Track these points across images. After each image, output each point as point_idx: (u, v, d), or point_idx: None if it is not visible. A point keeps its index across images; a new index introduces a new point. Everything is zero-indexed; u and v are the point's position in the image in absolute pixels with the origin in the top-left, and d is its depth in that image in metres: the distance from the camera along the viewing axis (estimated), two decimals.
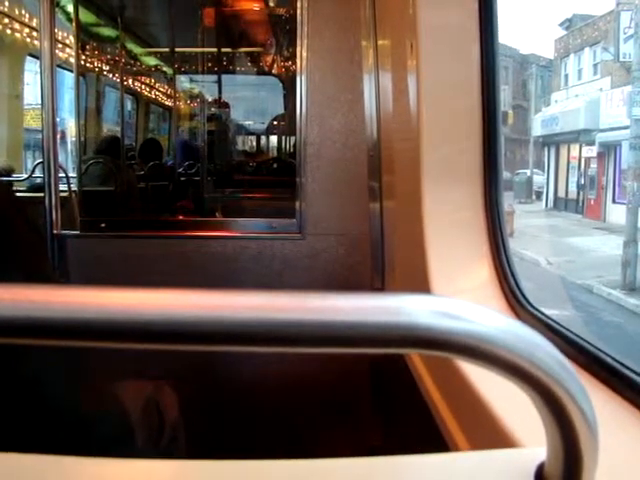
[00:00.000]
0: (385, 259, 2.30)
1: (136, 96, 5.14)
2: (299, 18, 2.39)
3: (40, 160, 2.83)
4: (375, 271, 2.37)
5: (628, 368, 0.92)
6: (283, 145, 4.78)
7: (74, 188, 2.84)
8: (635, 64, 9.03)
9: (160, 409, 1.48)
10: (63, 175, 2.81)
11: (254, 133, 5.16)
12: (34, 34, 4.39)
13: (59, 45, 3.70)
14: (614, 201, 12.58)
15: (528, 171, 18.36)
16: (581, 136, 14.15)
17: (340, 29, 2.40)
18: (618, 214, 11.02)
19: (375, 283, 2.36)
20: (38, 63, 2.46)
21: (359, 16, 2.31)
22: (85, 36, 3.37)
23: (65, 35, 3.85)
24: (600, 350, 0.99)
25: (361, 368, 2.39)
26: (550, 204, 16.36)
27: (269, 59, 4.33)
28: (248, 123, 5.08)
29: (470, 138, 1.49)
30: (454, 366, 1.15)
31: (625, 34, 10.71)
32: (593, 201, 13.66)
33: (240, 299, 0.38)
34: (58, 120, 2.50)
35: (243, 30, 4.13)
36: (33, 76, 4.82)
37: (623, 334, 6.76)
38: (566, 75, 16.23)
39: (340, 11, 2.40)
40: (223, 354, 1.86)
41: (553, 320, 1.20)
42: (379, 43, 2.19)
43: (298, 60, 2.42)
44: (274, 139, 5.07)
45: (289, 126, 4.08)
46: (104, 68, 3.98)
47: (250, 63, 4.50)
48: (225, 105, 4.43)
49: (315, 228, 2.49)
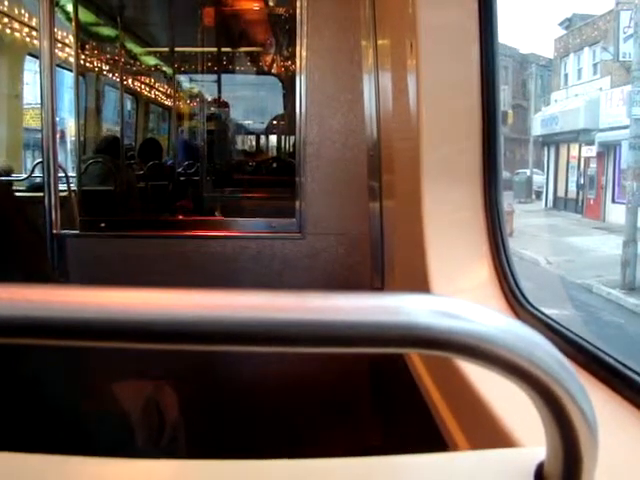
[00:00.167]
0: (385, 259, 2.30)
1: (136, 96, 5.13)
2: (299, 17, 2.39)
3: (40, 160, 2.83)
4: (375, 271, 2.37)
5: (628, 367, 0.92)
6: (283, 145, 4.78)
7: (74, 188, 2.84)
8: (635, 64, 9.03)
9: (160, 409, 1.48)
10: (63, 175, 2.81)
11: (254, 133, 5.16)
12: (34, 33, 4.39)
13: (59, 45, 3.69)
14: (614, 201, 12.58)
15: (528, 171, 18.37)
16: (581, 136, 14.16)
17: (340, 29, 2.40)
18: (618, 214, 11.03)
19: (375, 283, 2.36)
20: (37, 62, 2.47)
21: (359, 15, 2.31)
22: (85, 35, 3.36)
23: (65, 35, 3.85)
24: (600, 349, 0.99)
25: (361, 368, 2.39)
26: (550, 204, 16.37)
27: (269, 59, 4.33)
28: (248, 123, 5.07)
29: (470, 138, 1.49)
30: (454, 366, 1.15)
31: (625, 33, 10.72)
32: (593, 201, 13.67)
33: (240, 299, 0.38)
34: (57, 120, 2.50)
35: (243, 30, 4.12)
36: (33, 75, 4.82)
37: (623, 334, 6.77)
38: (566, 75, 16.24)
39: (340, 10, 2.40)
40: (223, 354, 1.86)
41: (553, 320, 1.20)
42: (379, 43, 2.19)
43: (298, 60, 2.42)
44: (274, 139, 5.06)
45: (289, 126, 4.08)
46: (104, 68, 3.98)
47: (250, 63, 4.50)
48: (225, 105, 4.43)
49: (315, 228, 2.49)
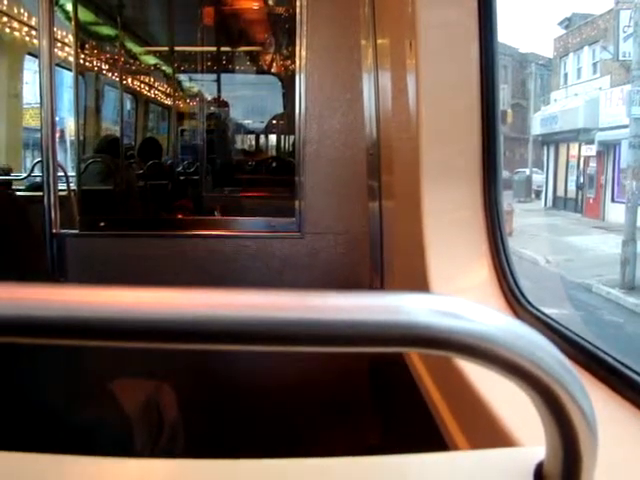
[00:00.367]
0: (384, 258, 2.30)
1: (135, 95, 5.13)
2: (298, 17, 2.39)
3: (39, 159, 2.83)
4: (374, 270, 2.37)
5: (628, 367, 0.92)
6: (282, 144, 4.77)
7: (73, 187, 2.84)
8: (634, 63, 9.02)
9: (160, 409, 1.48)
10: (62, 174, 2.80)
11: (253, 132, 5.15)
12: (33, 33, 4.39)
13: (58, 44, 3.69)
14: (613, 200, 12.58)
15: (527, 170, 18.35)
16: (580, 135, 14.15)
17: (339, 28, 2.40)
18: (617, 213, 11.02)
19: (374, 282, 2.36)
20: (37, 62, 2.46)
21: (358, 15, 2.31)
22: (84, 35, 3.36)
23: (64, 34, 3.84)
24: (599, 349, 0.99)
25: (361, 367, 2.39)
26: (549, 203, 16.36)
27: (268, 58, 4.33)
28: (247, 122, 5.07)
29: (469, 137, 1.49)
30: (453, 365, 1.15)
31: (624, 33, 10.71)
32: (592, 200, 13.66)
33: (239, 298, 0.37)
34: (57, 119, 2.50)
35: (242, 29, 4.12)
36: (32, 75, 4.82)
37: (622, 333, 6.77)
38: (565, 74, 16.23)
39: (339, 10, 2.40)
40: (222, 353, 1.86)
41: (552, 319, 1.20)
42: (378, 42, 2.18)
43: (297, 59, 2.42)
44: (273, 138, 5.05)
45: (288, 125, 4.07)
46: (103, 67, 3.97)
47: (249, 62, 4.49)
48: (224, 104, 4.43)
49: (314, 227, 2.49)
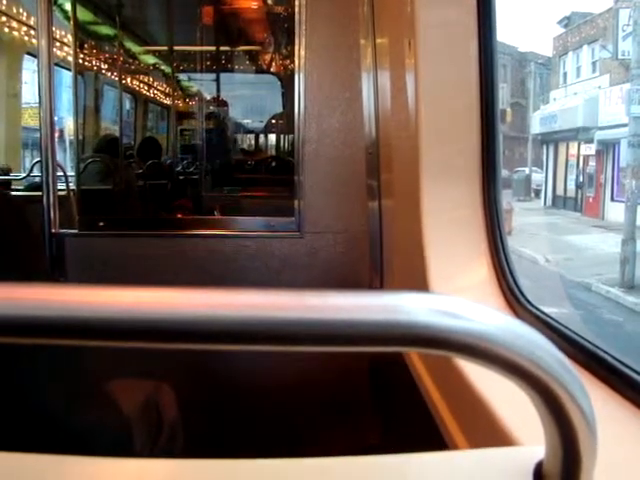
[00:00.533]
0: (384, 257, 2.30)
1: (134, 95, 5.13)
2: (297, 16, 2.39)
3: (38, 159, 2.82)
4: (374, 269, 2.37)
5: (627, 366, 0.92)
6: (282, 143, 4.77)
7: (72, 187, 2.83)
8: (634, 62, 9.03)
9: (159, 408, 1.48)
10: (61, 174, 2.80)
11: (252, 131, 5.15)
12: (32, 32, 4.38)
13: (57, 43, 3.69)
14: (612, 199, 12.59)
15: (527, 169, 18.36)
16: (580, 134, 14.16)
17: (338, 27, 2.40)
18: (616, 212, 11.03)
19: (374, 281, 2.36)
20: (36, 61, 2.46)
21: (357, 14, 2.31)
22: (83, 34, 3.35)
23: (63, 33, 3.84)
24: (599, 348, 0.99)
25: (360, 367, 2.39)
26: (549, 202, 16.38)
27: (267, 57, 4.32)
28: (246, 121, 5.06)
29: (468, 136, 1.49)
30: (453, 365, 1.15)
31: (624, 32, 10.72)
32: (592, 199, 13.67)
33: (239, 297, 0.37)
34: (56, 119, 2.50)
35: (241, 28, 4.11)
36: (31, 74, 4.81)
37: (622, 332, 6.77)
38: (565, 73, 16.24)
39: (338, 9, 2.40)
40: (222, 353, 1.86)
41: (552, 318, 1.20)
42: (377, 41, 2.18)
43: (296, 58, 2.42)
44: (273, 137, 5.05)
45: (287, 124, 4.07)
46: (102, 67, 3.97)
47: (248, 61, 4.49)
48: (223, 103, 4.42)
49: (314, 226, 2.49)
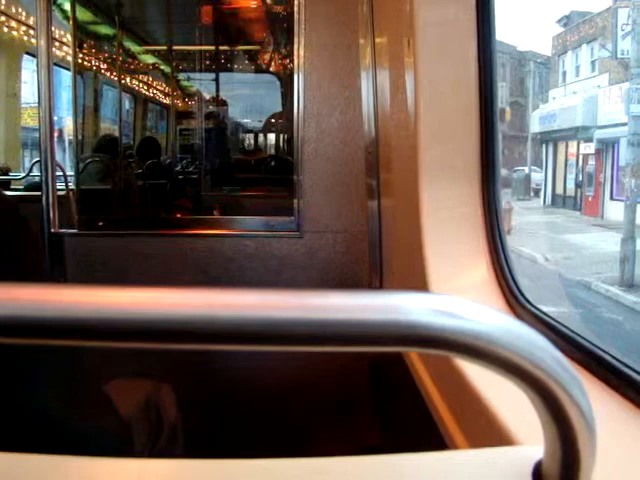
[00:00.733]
0: (383, 257, 2.30)
1: (134, 94, 5.12)
2: (296, 15, 2.39)
3: (38, 159, 2.82)
4: (373, 269, 2.37)
5: (627, 366, 0.92)
6: (281, 143, 4.77)
7: (72, 186, 2.83)
8: (633, 61, 9.03)
9: (159, 409, 1.48)
10: (61, 173, 2.80)
11: (252, 131, 5.15)
12: (31, 32, 4.38)
13: (56, 43, 3.69)
14: (612, 198, 12.59)
15: (526, 168, 18.36)
16: (579, 133, 14.16)
17: (337, 26, 2.40)
18: (616, 211, 11.04)
19: (373, 281, 2.36)
20: (35, 61, 2.46)
21: (356, 13, 2.31)
22: (82, 34, 3.35)
23: (62, 33, 3.84)
24: (599, 348, 0.99)
25: (361, 367, 2.39)
26: (548, 201, 16.38)
27: (266, 57, 4.32)
28: (246, 121, 5.06)
29: (468, 135, 1.49)
30: (453, 365, 1.15)
31: (623, 31, 10.71)
32: (591, 198, 13.67)
33: (238, 297, 0.37)
34: (55, 119, 2.50)
35: (241, 28, 4.11)
36: (30, 74, 4.81)
37: (622, 331, 6.77)
38: (564, 72, 16.23)
39: (337, 8, 2.40)
40: (221, 353, 1.86)
41: (551, 318, 1.20)
42: (376, 40, 2.18)
43: (295, 58, 2.42)
44: (272, 137, 5.05)
45: (287, 124, 4.08)
46: (102, 66, 3.97)
47: (247, 61, 4.48)
48: (223, 103, 4.42)
49: (313, 226, 2.49)
